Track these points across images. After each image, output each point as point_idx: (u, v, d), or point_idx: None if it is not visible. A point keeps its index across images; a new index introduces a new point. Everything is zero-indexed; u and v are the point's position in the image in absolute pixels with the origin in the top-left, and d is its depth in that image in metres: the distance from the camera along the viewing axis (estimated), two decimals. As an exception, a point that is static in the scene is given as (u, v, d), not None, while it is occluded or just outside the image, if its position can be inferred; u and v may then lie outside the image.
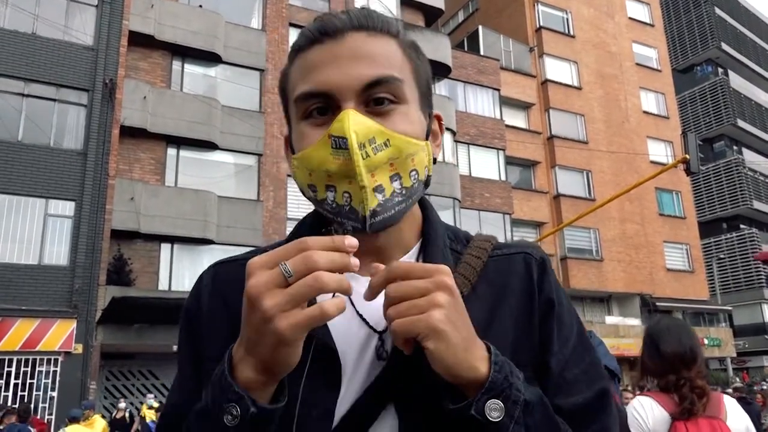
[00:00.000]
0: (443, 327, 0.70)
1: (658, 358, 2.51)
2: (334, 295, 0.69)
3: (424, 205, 0.95)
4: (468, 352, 0.72)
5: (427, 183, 0.88)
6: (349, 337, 0.83)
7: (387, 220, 0.81)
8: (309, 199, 0.86)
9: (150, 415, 12.18)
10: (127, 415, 12.95)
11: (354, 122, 0.78)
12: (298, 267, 0.66)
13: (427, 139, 0.88)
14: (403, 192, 0.82)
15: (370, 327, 0.84)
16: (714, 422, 2.33)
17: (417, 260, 0.89)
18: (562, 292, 0.91)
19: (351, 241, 0.69)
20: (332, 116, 0.81)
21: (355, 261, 0.69)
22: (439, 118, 0.95)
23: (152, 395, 13.73)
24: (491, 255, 0.91)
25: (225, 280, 0.91)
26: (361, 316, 0.84)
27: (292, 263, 0.66)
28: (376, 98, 0.82)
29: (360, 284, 0.84)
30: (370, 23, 0.85)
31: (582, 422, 0.81)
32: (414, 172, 0.83)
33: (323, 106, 0.83)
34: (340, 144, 0.77)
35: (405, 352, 0.74)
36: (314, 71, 0.83)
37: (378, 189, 0.79)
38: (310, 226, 0.94)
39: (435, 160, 0.90)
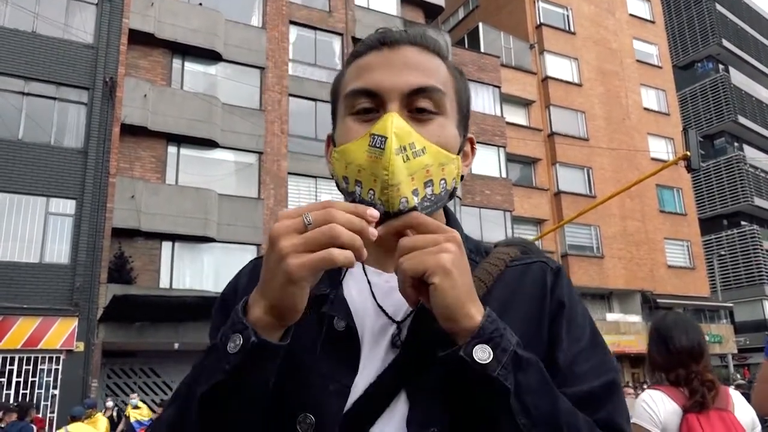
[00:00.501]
0: (451, 267, 0.75)
1: (667, 352, 2.54)
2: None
3: (448, 214, 1.00)
4: (468, 298, 0.77)
5: (452, 194, 0.92)
6: (368, 324, 0.89)
7: None
8: (341, 190, 0.92)
9: (135, 415, 12.12)
10: (114, 413, 12.92)
11: (396, 125, 0.83)
12: (318, 217, 0.73)
13: (458, 154, 0.93)
14: (432, 198, 0.87)
15: (389, 317, 0.89)
16: (724, 414, 2.37)
17: None
18: (575, 297, 0.94)
19: (372, 212, 0.75)
20: (377, 115, 0.88)
21: (373, 231, 0.74)
22: (472, 142, 1.01)
23: (135, 394, 13.58)
24: (509, 264, 0.95)
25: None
26: (380, 306, 0.90)
27: (313, 214, 0.74)
28: (418, 105, 0.89)
29: (383, 279, 0.92)
30: (424, 42, 0.94)
31: (586, 409, 0.81)
32: (443, 182, 0.88)
33: (370, 105, 0.89)
34: (378, 143, 0.83)
35: (409, 302, 0.80)
36: (367, 72, 0.91)
37: (415, 192, 0.84)
38: None
39: (463, 178, 0.95)
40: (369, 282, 0.92)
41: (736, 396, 2.50)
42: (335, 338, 0.86)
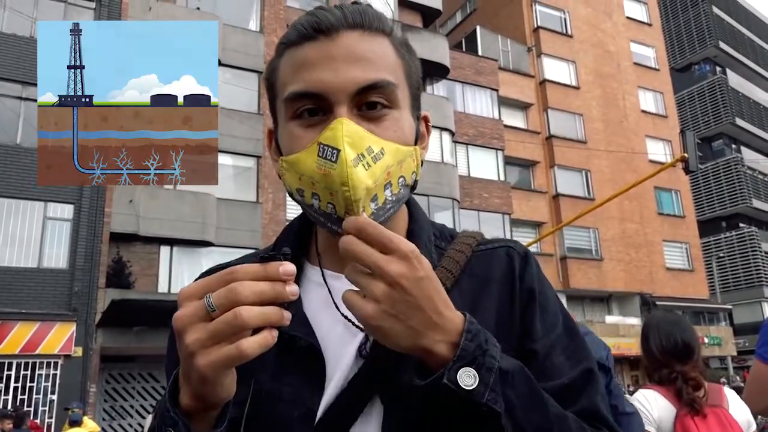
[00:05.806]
0: (377, 323, 0.68)
1: (649, 352, 2.54)
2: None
3: (410, 203, 0.95)
4: (422, 337, 0.69)
5: (413, 187, 0.86)
6: (333, 336, 0.83)
7: None
8: (297, 202, 0.84)
9: None
10: None
11: (347, 132, 0.75)
12: (221, 301, 0.63)
13: (416, 143, 0.87)
14: (393, 199, 0.81)
15: (354, 325, 0.83)
16: (718, 411, 2.35)
17: None
18: (545, 283, 0.91)
19: (286, 269, 0.65)
20: (323, 118, 0.79)
21: (292, 290, 0.65)
22: (426, 120, 0.93)
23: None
24: (475, 250, 0.91)
25: None
26: (345, 316, 0.84)
27: (215, 296, 0.64)
28: (369, 102, 0.80)
29: (344, 284, 0.84)
30: (365, 21, 0.83)
31: (568, 401, 0.80)
32: (401, 179, 0.82)
33: (315, 107, 0.80)
34: (328, 155, 0.74)
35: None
36: (307, 70, 0.80)
37: (373, 199, 0.77)
38: (297, 230, 0.94)
39: (422, 163, 0.89)
40: (329, 289, 0.86)
41: (730, 394, 2.48)
42: (298, 358, 0.81)
